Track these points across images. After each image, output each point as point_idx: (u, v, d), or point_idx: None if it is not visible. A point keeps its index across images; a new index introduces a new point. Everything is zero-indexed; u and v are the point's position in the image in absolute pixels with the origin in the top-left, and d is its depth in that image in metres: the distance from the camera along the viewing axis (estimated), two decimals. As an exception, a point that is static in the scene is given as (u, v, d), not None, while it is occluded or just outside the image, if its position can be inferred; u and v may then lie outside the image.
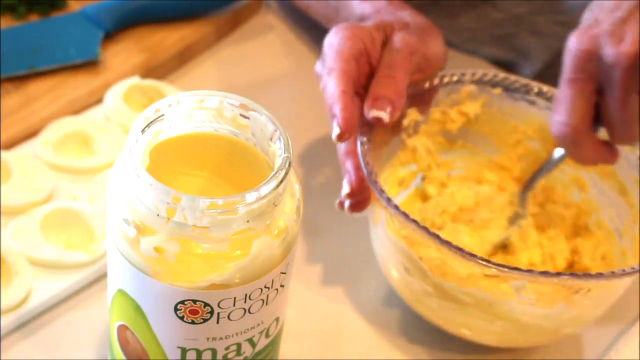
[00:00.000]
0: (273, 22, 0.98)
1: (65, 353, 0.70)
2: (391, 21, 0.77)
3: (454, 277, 0.67)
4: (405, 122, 0.77)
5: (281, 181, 0.55)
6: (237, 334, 0.59)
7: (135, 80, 0.87)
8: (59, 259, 0.73)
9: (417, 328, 0.75)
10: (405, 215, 0.66)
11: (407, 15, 0.78)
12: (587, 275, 0.65)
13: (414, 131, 0.78)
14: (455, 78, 0.78)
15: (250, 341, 0.61)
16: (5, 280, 0.72)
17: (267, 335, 0.62)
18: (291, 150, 0.57)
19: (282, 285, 0.60)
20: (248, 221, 0.55)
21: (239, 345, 0.60)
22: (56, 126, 0.82)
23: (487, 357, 0.74)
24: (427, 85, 0.77)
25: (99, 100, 0.86)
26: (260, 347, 0.62)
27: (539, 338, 0.72)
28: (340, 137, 0.69)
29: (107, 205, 0.58)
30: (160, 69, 0.91)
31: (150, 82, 0.87)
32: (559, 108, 0.68)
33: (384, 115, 0.71)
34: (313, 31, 0.97)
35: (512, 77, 0.78)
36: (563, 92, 0.68)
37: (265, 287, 0.58)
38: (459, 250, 0.65)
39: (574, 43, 0.68)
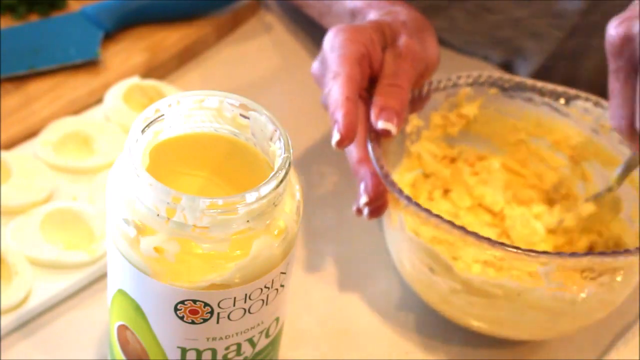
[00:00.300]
0: (272, 22, 0.98)
1: (65, 353, 0.70)
2: (388, 22, 0.76)
3: (480, 269, 0.68)
4: (408, 128, 0.77)
5: (281, 181, 0.55)
6: (237, 334, 0.59)
7: (135, 80, 0.87)
8: (59, 259, 0.73)
9: (433, 327, 0.75)
10: (428, 211, 0.66)
11: (401, 11, 0.78)
12: (615, 252, 0.65)
13: (416, 137, 0.78)
14: (451, 82, 0.78)
15: (250, 341, 0.61)
16: (5, 280, 0.72)
17: (267, 335, 0.62)
18: (291, 150, 0.57)
19: (282, 285, 0.60)
20: (248, 221, 0.55)
21: (239, 345, 0.60)
22: (56, 126, 0.82)
23: (494, 353, 0.74)
24: (425, 90, 0.77)
25: (99, 100, 0.86)
26: (260, 347, 0.62)
27: (569, 326, 0.72)
28: (340, 144, 0.69)
29: (107, 205, 0.58)
30: (160, 69, 0.91)
31: (150, 82, 0.87)
32: (611, 102, 0.68)
33: (392, 128, 0.70)
34: (312, 31, 0.97)
35: (506, 76, 0.78)
36: (610, 85, 0.68)
37: (265, 287, 0.58)
38: (486, 239, 0.65)
39: (610, 31, 0.67)
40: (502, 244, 0.65)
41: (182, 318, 0.58)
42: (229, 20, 0.96)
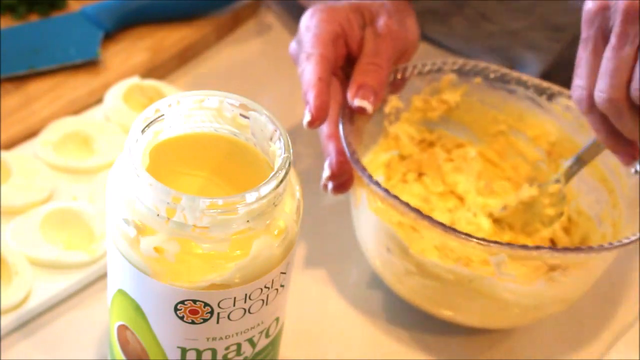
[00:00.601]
0: (272, 22, 0.98)
1: (65, 353, 0.70)
2: (367, 3, 0.77)
3: (436, 253, 0.69)
4: (387, 109, 0.77)
5: (281, 181, 0.55)
6: (237, 334, 0.59)
7: (135, 80, 0.87)
8: (59, 259, 0.73)
9: (400, 310, 0.75)
10: (387, 191, 0.67)
11: None
12: (565, 249, 0.66)
13: (395, 118, 0.79)
14: (436, 67, 0.78)
15: (250, 341, 0.61)
16: (5, 280, 0.72)
17: (267, 335, 0.62)
18: (291, 150, 0.57)
19: (282, 285, 0.60)
20: (248, 221, 0.55)
21: (239, 345, 0.60)
22: (56, 126, 0.82)
23: (474, 340, 0.74)
24: (408, 73, 0.77)
25: (99, 100, 0.86)
26: (260, 347, 0.62)
27: (520, 317, 0.72)
28: (311, 124, 0.70)
29: (107, 205, 0.58)
30: (160, 69, 0.91)
31: (150, 82, 0.87)
32: (575, 72, 0.66)
33: (367, 106, 0.71)
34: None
35: (493, 67, 0.79)
36: (578, 55, 0.66)
37: (265, 287, 0.58)
38: (440, 225, 0.65)
39: (587, 3, 0.65)
40: (454, 230, 0.65)
41: (182, 318, 0.58)
42: (229, 20, 0.96)
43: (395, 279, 0.72)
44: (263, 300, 0.59)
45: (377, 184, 0.67)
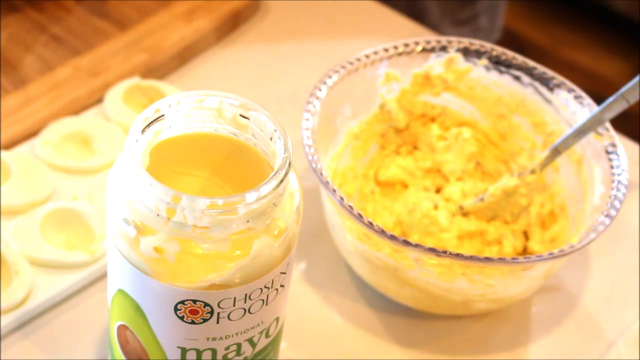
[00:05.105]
0: (272, 22, 0.98)
1: (65, 353, 0.70)
2: None
3: (366, 240, 0.70)
4: (382, 81, 0.78)
5: (281, 181, 0.55)
6: (237, 334, 0.59)
7: (135, 80, 0.87)
8: (59, 259, 0.73)
9: (400, 310, 0.76)
10: (319, 172, 0.69)
11: None
12: (459, 255, 0.66)
13: (393, 92, 0.79)
14: (440, 44, 0.79)
15: (250, 341, 0.61)
16: (5, 280, 0.72)
17: (267, 335, 0.62)
18: (291, 150, 0.57)
19: (282, 285, 0.60)
20: (248, 221, 0.55)
21: (239, 345, 0.60)
22: (56, 126, 0.82)
23: (477, 339, 0.74)
24: (410, 48, 0.78)
25: (99, 100, 0.86)
26: (260, 347, 0.62)
27: (452, 309, 0.73)
28: None
29: (107, 205, 0.58)
30: (160, 69, 0.91)
31: (150, 82, 0.87)
32: None
33: None
34: (312, 31, 0.97)
35: (499, 49, 0.79)
36: None
37: (265, 287, 0.58)
38: (350, 209, 0.67)
39: None
40: (370, 224, 0.66)
41: (182, 318, 0.58)
42: (229, 20, 0.96)
43: (345, 252, 0.74)
44: (263, 300, 0.59)
45: (321, 174, 0.69)
